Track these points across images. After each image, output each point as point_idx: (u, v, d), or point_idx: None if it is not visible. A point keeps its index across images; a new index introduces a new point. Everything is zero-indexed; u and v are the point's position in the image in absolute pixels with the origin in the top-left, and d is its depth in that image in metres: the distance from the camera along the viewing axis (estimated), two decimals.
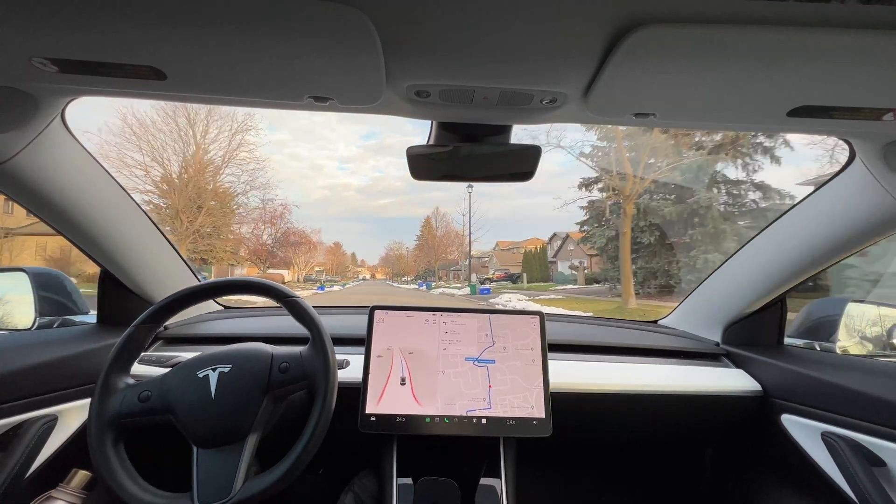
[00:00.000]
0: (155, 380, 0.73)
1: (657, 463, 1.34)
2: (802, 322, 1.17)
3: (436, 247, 36.30)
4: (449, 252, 37.65)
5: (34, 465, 0.78)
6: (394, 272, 54.66)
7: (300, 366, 0.73)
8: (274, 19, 0.45)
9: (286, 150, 74.10)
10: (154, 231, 1.03)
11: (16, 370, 0.77)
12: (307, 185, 77.54)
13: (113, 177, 0.89)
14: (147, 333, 0.77)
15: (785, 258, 0.95)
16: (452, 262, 40.48)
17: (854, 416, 0.80)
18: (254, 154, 17.99)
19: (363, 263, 72.13)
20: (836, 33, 0.44)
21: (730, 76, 0.52)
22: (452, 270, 40.24)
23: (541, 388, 0.88)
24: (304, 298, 0.78)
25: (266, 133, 72.03)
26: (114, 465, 0.66)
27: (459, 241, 32.14)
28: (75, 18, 0.44)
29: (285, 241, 24.55)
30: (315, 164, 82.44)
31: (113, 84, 0.58)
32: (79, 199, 0.83)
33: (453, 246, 36.41)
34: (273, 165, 62.58)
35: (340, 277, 49.81)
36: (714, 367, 1.07)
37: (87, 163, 0.83)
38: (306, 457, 0.67)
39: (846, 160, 0.78)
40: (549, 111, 0.65)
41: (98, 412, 0.68)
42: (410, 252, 48.06)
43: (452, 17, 0.45)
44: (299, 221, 34.62)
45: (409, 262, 48.98)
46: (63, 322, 1.08)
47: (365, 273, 66.26)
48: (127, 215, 0.95)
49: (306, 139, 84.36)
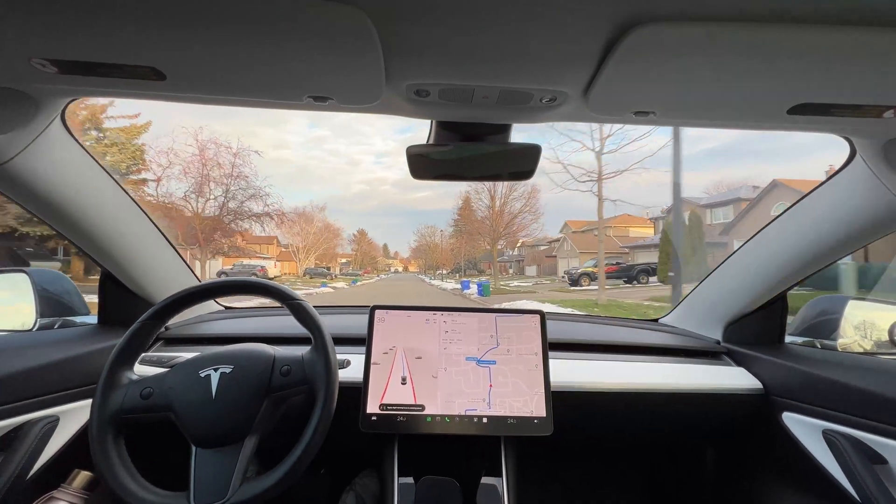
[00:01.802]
0: (157, 377, 0.73)
1: (658, 461, 1.34)
2: (803, 320, 1.17)
3: (478, 233, 26.22)
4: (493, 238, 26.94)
5: (36, 466, 0.78)
6: (426, 264, 46.92)
7: (301, 369, 0.73)
8: (273, 19, 0.45)
9: (326, 146, 74.42)
10: (154, 231, 1.03)
11: (17, 371, 0.77)
12: (345, 181, 77.86)
13: (113, 177, 0.89)
14: (151, 330, 0.77)
15: (785, 256, 0.95)
16: (497, 251, 29.85)
17: (855, 413, 0.79)
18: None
19: (396, 255, 70.45)
20: (836, 30, 0.44)
21: (729, 74, 0.52)
22: (499, 261, 29.95)
23: (542, 391, 0.88)
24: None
25: (307, 130, 71.76)
26: (113, 460, 0.66)
27: (505, 223, 23.09)
28: (75, 19, 0.44)
29: (236, 216, 16.49)
30: (353, 159, 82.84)
31: (112, 85, 0.58)
32: (79, 199, 0.83)
33: (503, 230, 25.60)
34: (314, 163, 61.56)
35: (361, 271, 44.83)
36: (715, 365, 1.07)
37: (87, 163, 0.83)
38: (304, 462, 0.66)
39: (846, 158, 0.78)
40: (549, 110, 0.65)
41: (100, 407, 0.69)
42: (446, 240, 39.70)
43: (452, 16, 0.45)
44: (280, 191, 29.37)
45: (445, 252, 40.87)
46: (64, 323, 1.09)
47: (397, 265, 64.41)
48: (127, 216, 0.95)
49: (344, 135, 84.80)
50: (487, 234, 24.10)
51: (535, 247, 35.96)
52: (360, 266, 49.38)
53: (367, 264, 52.78)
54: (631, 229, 30.03)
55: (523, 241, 35.51)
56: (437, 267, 42.55)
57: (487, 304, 18.28)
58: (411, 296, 14.38)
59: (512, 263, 40.08)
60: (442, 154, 0.77)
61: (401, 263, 65.47)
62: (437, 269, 42.21)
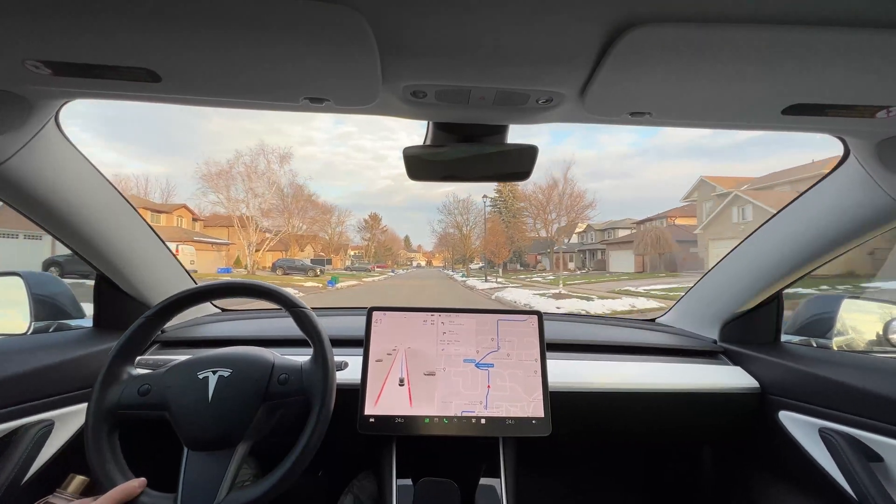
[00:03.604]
0: (156, 375, 0.73)
1: (656, 460, 1.35)
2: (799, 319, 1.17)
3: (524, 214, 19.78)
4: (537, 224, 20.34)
5: (31, 471, 0.77)
6: (453, 258, 37.19)
7: (299, 379, 0.73)
8: (268, 20, 0.44)
9: (351, 142, 74.42)
10: (150, 234, 1.03)
11: (11, 375, 0.76)
12: (370, 176, 77.59)
13: (108, 180, 0.89)
14: (156, 326, 0.77)
15: (781, 255, 0.96)
16: (540, 241, 24.19)
17: (851, 412, 0.80)
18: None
19: (419, 249, 67.15)
20: (830, 31, 0.44)
21: (724, 75, 0.52)
22: (555, 252, 24.31)
23: (540, 395, 0.88)
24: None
25: (332, 127, 71.44)
26: (105, 455, 0.66)
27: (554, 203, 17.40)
28: (69, 21, 0.44)
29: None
30: (378, 154, 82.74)
31: (107, 87, 0.58)
32: (73, 202, 0.82)
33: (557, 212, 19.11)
34: (339, 159, 59.55)
35: (372, 264, 35.49)
36: (711, 364, 1.08)
37: (82, 166, 0.82)
38: (293, 474, 0.66)
39: (840, 157, 0.78)
40: (546, 111, 0.65)
41: (98, 400, 0.68)
42: (479, 224, 30.40)
43: (448, 17, 0.45)
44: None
45: (493, 237, 30.70)
46: (59, 326, 1.08)
47: (420, 259, 60.99)
48: (122, 219, 0.94)
49: (370, 130, 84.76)
50: (539, 215, 17.31)
51: (607, 231, 26.66)
52: (373, 259, 40.83)
53: (385, 257, 44.15)
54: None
55: (588, 225, 26.35)
56: (469, 259, 33.67)
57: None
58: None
59: (574, 255, 29.65)
60: (439, 155, 0.77)
61: (424, 257, 61.79)
62: (467, 263, 33.61)
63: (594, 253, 27.37)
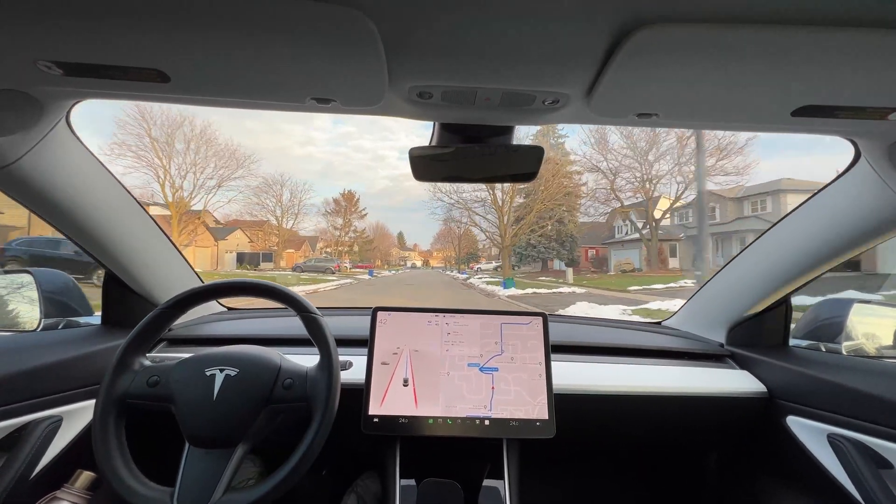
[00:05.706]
0: (165, 367, 0.74)
1: (662, 465, 1.34)
2: (808, 323, 1.16)
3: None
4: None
5: (39, 466, 0.78)
6: (458, 255, 30.28)
7: (304, 385, 0.73)
8: (276, 21, 0.45)
9: (350, 142, 74.93)
10: (158, 233, 1.04)
11: (21, 371, 0.77)
12: (370, 177, 78.01)
13: (118, 179, 0.90)
14: (168, 320, 0.78)
15: (790, 259, 0.94)
16: (620, 217, 16.70)
17: (861, 417, 0.79)
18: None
19: (415, 247, 62.10)
20: (840, 32, 0.44)
21: (733, 76, 0.51)
22: (632, 242, 16.57)
23: (544, 399, 0.87)
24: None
25: (332, 127, 71.90)
26: (111, 443, 0.66)
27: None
28: (80, 22, 0.45)
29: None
30: (377, 154, 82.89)
31: (117, 87, 0.59)
32: (83, 201, 0.84)
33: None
34: (339, 159, 58.69)
35: (337, 263, 25.63)
36: (718, 368, 1.06)
37: (92, 165, 0.83)
38: (289, 482, 0.66)
39: (851, 160, 0.77)
40: (552, 112, 0.65)
41: (108, 387, 0.69)
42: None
43: (454, 18, 0.45)
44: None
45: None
46: (68, 323, 1.09)
47: (416, 259, 55.98)
48: (131, 218, 0.95)
49: (370, 130, 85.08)
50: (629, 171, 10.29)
51: (753, 198, 16.52)
52: (358, 257, 30.82)
53: (373, 255, 34.33)
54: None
55: (714, 194, 16.48)
56: (474, 256, 27.32)
57: None
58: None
59: (676, 243, 17.85)
60: (444, 156, 0.77)
61: (420, 257, 56.68)
62: (474, 261, 26.86)
63: (729, 238, 15.05)
